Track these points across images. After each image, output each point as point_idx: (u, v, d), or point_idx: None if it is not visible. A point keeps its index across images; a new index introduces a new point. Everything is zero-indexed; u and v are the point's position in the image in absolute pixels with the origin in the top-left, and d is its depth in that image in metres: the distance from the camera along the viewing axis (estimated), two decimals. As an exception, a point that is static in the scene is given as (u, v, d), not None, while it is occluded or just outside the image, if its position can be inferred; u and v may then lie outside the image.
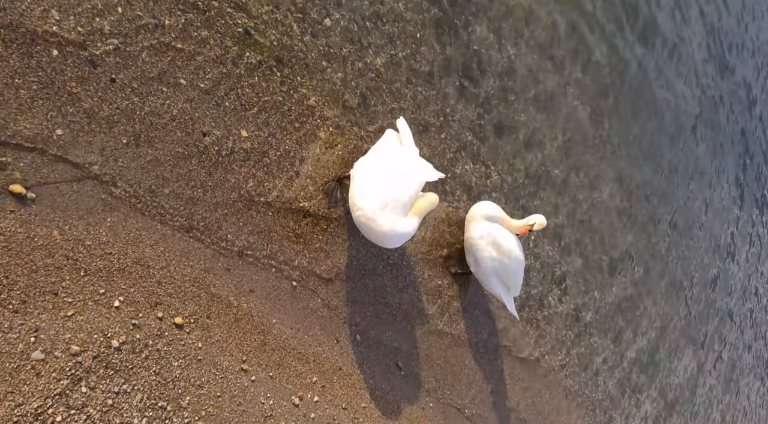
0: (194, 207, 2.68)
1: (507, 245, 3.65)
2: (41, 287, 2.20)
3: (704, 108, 6.70)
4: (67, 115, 2.29)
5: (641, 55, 5.61)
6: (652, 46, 5.76)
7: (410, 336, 3.72)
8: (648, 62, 5.72)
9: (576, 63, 4.89)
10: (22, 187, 2.18)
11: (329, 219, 3.25)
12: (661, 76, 5.94)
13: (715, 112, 6.98)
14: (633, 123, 5.61)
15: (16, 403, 2.03)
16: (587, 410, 5.39)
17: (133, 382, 2.34)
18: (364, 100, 3.38)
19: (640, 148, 5.76)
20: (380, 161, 2.96)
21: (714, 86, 6.91)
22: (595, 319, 5.38)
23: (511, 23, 4.28)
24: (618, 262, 5.61)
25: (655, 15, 5.74)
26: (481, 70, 4.07)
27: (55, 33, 2.25)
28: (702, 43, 6.63)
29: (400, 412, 3.54)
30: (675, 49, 6.10)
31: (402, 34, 3.55)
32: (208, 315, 2.70)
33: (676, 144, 6.28)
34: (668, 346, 6.48)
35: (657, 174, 6.03)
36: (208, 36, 2.71)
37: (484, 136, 4.14)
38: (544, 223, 3.60)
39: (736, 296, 7.86)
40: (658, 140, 6.00)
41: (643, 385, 6.14)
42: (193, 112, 2.66)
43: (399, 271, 3.65)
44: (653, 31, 5.76)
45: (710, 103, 6.87)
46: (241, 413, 2.69)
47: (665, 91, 6.02)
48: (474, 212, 3.72)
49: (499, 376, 4.42)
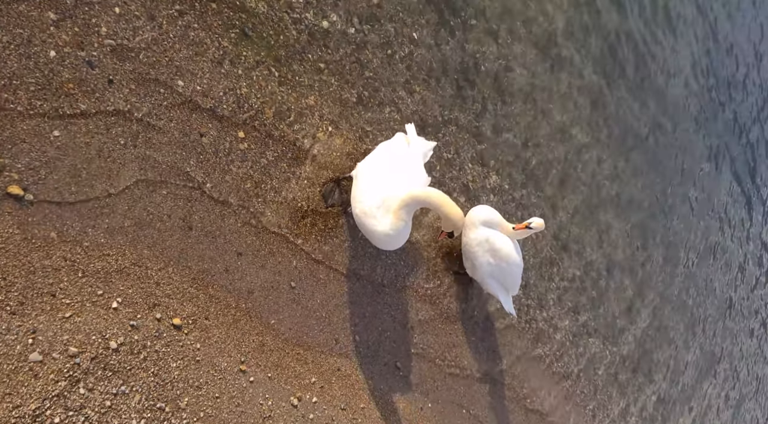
0: (192, 208, 2.68)
1: (505, 251, 3.62)
2: (39, 288, 2.19)
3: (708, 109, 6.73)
4: (64, 117, 2.29)
5: (642, 48, 5.62)
6: (654, 38, 5.77)
7: (409, 336, 3.72)
8: (650, 51, 5.73)
9: (574, 63, 4.90)
10: (20, 188, 2.18)
11: (327, 220, 3.25)
12: (664, 68, 5.96)
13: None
14: (634, 120, 5.62)
15: (14, 405, 2.02)
16: (587, 410, 5.39)
17: (131, 383, 2.34)
18: (362, 101, 3.39)
19: (641, 147, 5.77)
20: (385, 162, 2.95)
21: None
22: (595, 321, 5.39)
23: (509, 23, 4.29)
24: (616, 263, 5.63)
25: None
26: (478, 70, 4.07)
27: (52, 34, 2.25)
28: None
29: (398, 412, 3.54)
30: (678, 41, 6.12)
31: (399, 35, 3.56)
32: (207, 316, 2.69)
33: (676, 141, 6.30)
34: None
35: (654, 170, 6.05)
36: (206, 36, 2.71)
37: (482, 136, 4.14)
38: (542, 225, 3.56)
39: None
40: (659, 136, 6.01)
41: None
42: (191, 113, 2.66)
43: (398, 271, 3.65)
44: (654, 20, 5.78)
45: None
46: (239, 414, 2.69)
47: (670, 84, 6.04)
48: (471, 217, 3.67)
49: (498, 376, 4.43)
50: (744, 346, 8.26)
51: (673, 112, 6.22)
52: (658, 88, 5.96)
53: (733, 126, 7.40)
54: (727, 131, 7.28)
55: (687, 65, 6.39)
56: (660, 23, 5.89)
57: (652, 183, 6.00)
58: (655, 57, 5.83)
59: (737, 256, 7.77)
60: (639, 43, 5.60)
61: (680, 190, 6.49)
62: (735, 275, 7.80)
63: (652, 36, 5.77)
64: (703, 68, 6.69)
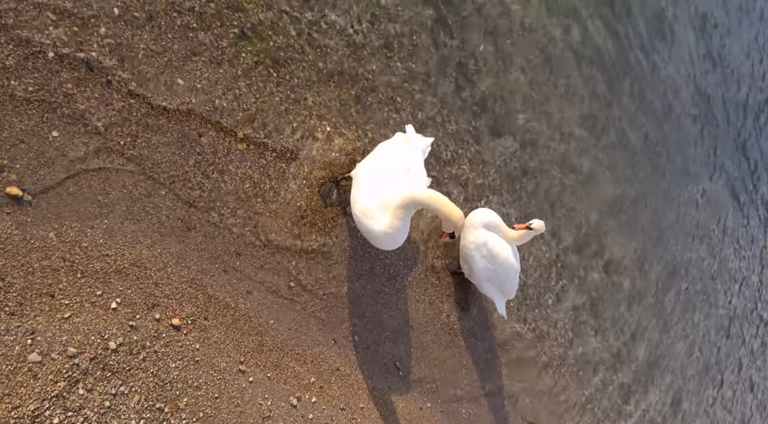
0: (191, 208, 2.68)
1: (502, 255, 3.61)
2: (38, 289, 2.19)
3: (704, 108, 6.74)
4: (63, 117, 2.29)
5: (642, 51, 5.63)
6: (659, 35, 5.78)
7: (408, 336, 3.72)
8: (651, 53, 5.74)
9: (572, 64, 4.91)
10: (19, 189, 2.17)
11: (326, 220, 3.25)
12: (662, 74, 5.97)
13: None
14: (631, 120, 5.63)
15: (13, 405, 2.02)
16: (586, 410, 5.40)
17: (130, 384, 2.34)
18: (361, 101, 3.39)
19: (639, 144, 5.77)
20: (384, 162, 2.95)
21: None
22: (591, 318, 5.40)
23: (506, 24, 4.29)
24: (614, 258, 5.63)
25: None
26: (476, 70, 4.07)
27: (51, 34, 2.25)
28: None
29: (398, 412, 3.54)
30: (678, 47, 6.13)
31: (398, 35, 3.56)
32: (206, 316, 2.69)
33: (674, 141, 6.31)
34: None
35: (652, 167, 6.06)
36: (205, 37, 2.71)
37: (480, 136, 4.15)
38: (543, 226, 3.53)
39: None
40: (658, 135, 6.02)
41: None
42: (189, 113, 2.66)
43: (396, 271, 3.65)
44: (653, 22, 5.79)
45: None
46: (239, 414, 2.69)
47: (667, 89, 6.05)
48: (471, 219, 3.64)
49: (497, 376, 4.43)
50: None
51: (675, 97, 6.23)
52: (662, 80, 5.97)
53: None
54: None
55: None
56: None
57: (654, 181, 6.02)
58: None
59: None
60: (639, 43, 5.60)
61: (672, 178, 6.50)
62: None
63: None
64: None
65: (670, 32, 6.02)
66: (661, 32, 5.89)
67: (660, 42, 5.88)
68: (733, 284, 7.81)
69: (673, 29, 6.05)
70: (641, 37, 5.61)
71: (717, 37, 6.86)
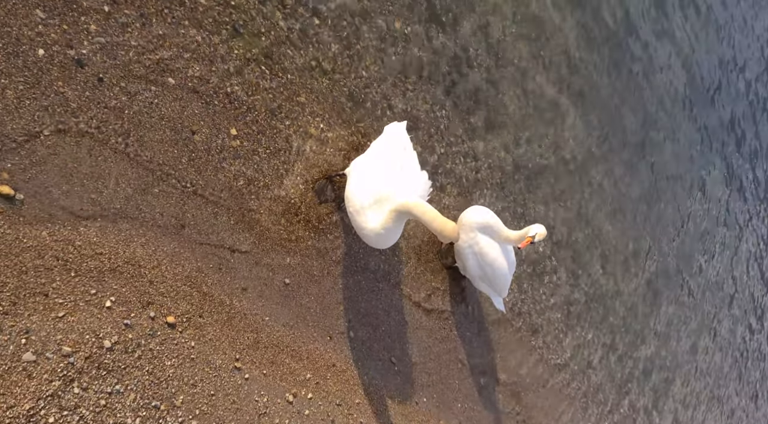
0: (184, 206, 2.67)
1: (491, 256, 3.57)
2: (31, 288, 2.18)
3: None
4: (54, 115, 2.28)
5: (634, 51, 5.65)
6: (659, 35, 5.80)
7: (404, 332, 3.74)
8: (643, 54, 5.76)
9: (564, 60, 4.92)
10: (10, 188, 2.16)
11: (321, 217, 3.25)
12: (653, 61, 5.99)
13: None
14: (622, 118, 5.65)
15: (8, 405, 2.02)
16: (582, 403, 5.45)
17: (126, 382, 2.34)
18: (354, 97, 3.38)
19: (635, 142, 5.80)
20: (378, 160, 2.95)
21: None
22: (588, 314, 5.44)
23: (499, 19, 4.29)
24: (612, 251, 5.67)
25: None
26: (469, 65, 4.08)
27: (40, 32, 2.23)
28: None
29: (394, 407, 3.56)
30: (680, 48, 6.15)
31: (391, 31, 3.55)
32: (201, 314, 2.69)
33: (667, 137, 6.34)
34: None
35: (650, 164, 6.09)
36: (197, 33, 2.70)
37: (474, 131, 4.16)
38: (545, 233, 3.37)
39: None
40: (654, 132, 6.05)
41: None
42: (182, 110, 2.65)
43: (392, 267, 3.66)
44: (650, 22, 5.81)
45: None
46: (235, 411, 2.70)
47: (662, 73, 6.07)
48: (465, 219, 3.56)
49: (493, 370, 4.46)
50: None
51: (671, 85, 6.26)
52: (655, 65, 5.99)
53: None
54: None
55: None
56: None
57: (650, 178, 6.05)
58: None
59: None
60: (633, 40, 5.62)
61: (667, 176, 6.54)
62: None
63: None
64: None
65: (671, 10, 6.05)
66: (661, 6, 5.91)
67: (655, 24, 5.90)
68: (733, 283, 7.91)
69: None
70: (636, 31, 5.63)
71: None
